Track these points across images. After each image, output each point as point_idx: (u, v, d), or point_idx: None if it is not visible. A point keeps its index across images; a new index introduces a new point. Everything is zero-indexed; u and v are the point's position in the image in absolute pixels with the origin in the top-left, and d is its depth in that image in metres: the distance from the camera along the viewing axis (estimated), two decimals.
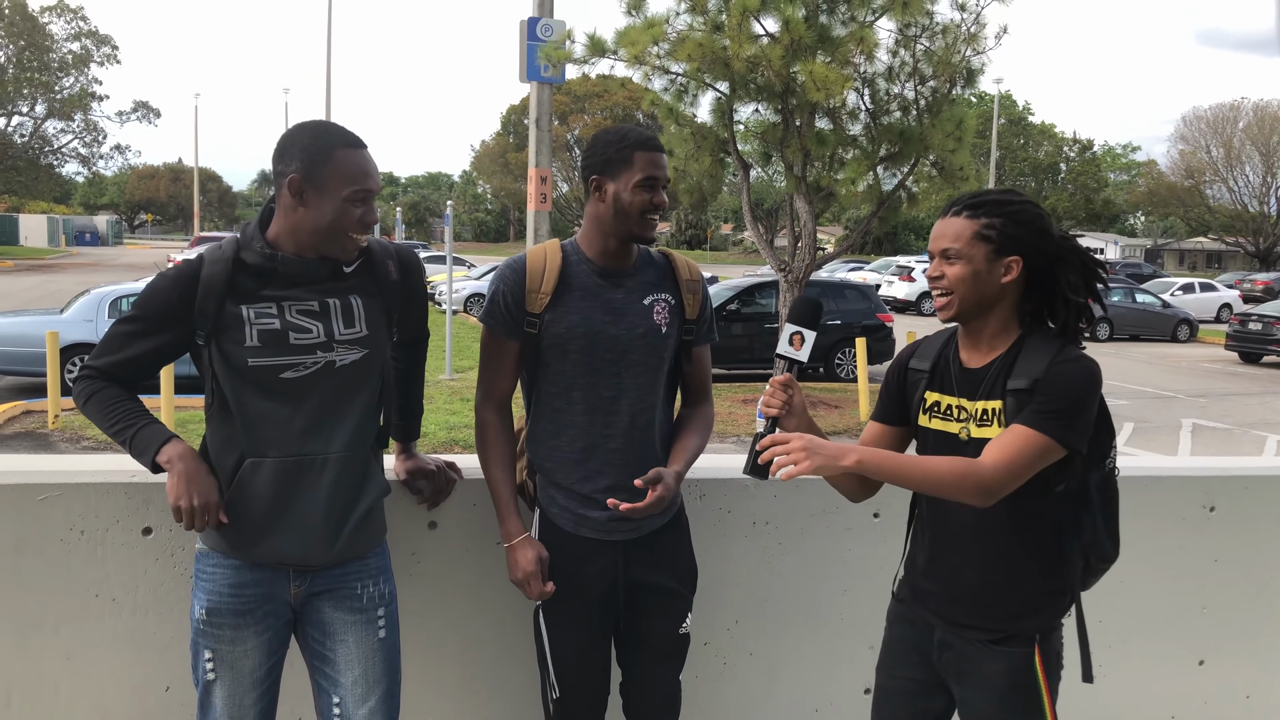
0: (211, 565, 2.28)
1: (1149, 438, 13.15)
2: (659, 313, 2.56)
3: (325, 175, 2.18)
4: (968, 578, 2.26)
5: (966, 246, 2.17)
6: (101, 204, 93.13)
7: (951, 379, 2.27)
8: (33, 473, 2.55)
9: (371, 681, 2.33)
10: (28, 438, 10.64)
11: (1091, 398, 2.11)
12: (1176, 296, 31.80)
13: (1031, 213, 2.19)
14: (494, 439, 2.56)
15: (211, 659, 2.27)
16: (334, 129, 2.24)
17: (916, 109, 13.49)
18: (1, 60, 42.87)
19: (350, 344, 2.26)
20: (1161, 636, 3.39)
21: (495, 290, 2.54)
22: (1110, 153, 74.51)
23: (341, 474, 2.26)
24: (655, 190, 2.48)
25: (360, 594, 2.34)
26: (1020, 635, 2.22)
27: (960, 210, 2.20)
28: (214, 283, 2.19)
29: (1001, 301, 2.20)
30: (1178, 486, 3.35)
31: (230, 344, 2.20)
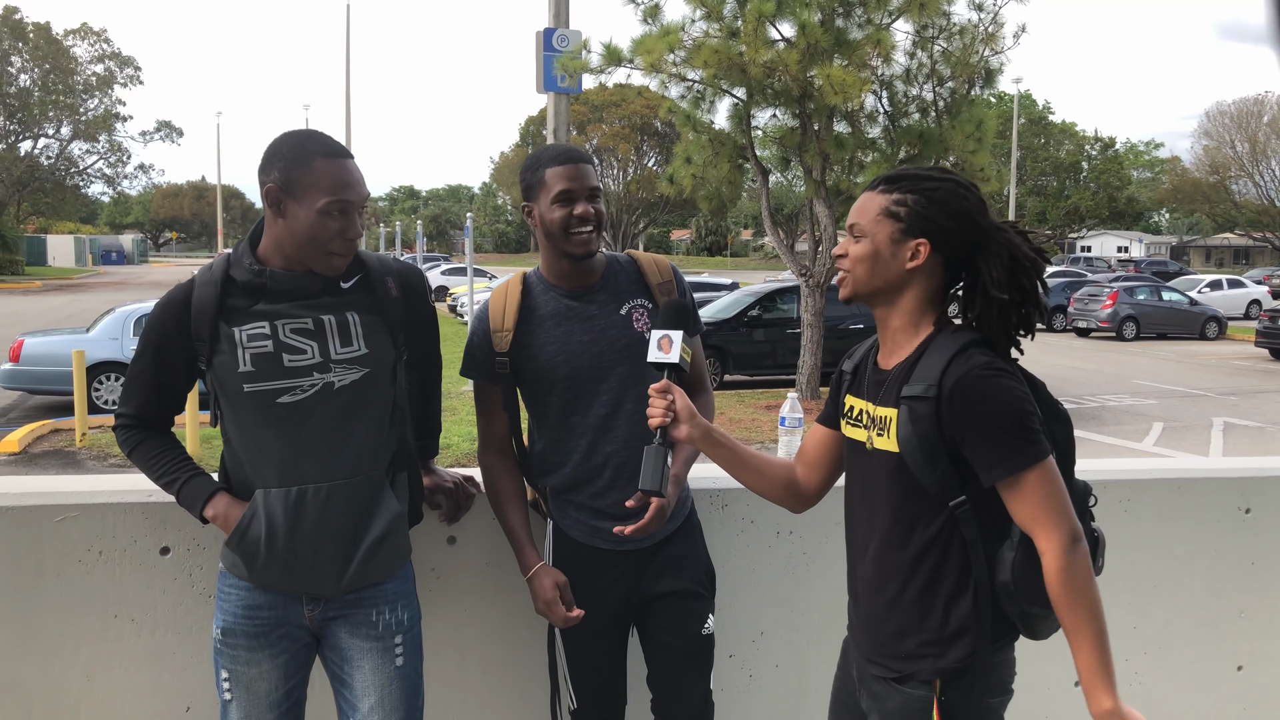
0: (228, 586, 2.25)
1: (1179, 437, 12.98)
2: (638, 320, 2.51)
3: (302, 185, 2.09)
4: (864, 605, 2.06)
5: (871, 223, 1.94)
6: (127, 223, 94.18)
7: (865, 381, 2.05)
8: (50, 494, 2.54)
9: (388, 709, 2.27)
10: (56, 456, 10.73)
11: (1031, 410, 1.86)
12: (1204, 294, 31.47)
13: (951, 192, 1.92)
14: (499, 481, 2.57)
15: (228, 679, 2.24)
16: (315, 137, 2.14)
17: (935, 110, 13.43)
18: (27, 84, 43.50)
19: (349, 363, 2.17)
20: (1198, 642, 3.31)
21: (470, 343, 2.55)
22: (1133, 150, 73.93)
23: (350, 502, 2.18)
24: (573, 202, 2.41)
25: (376, 621, 2.28)
26: (917, 676, 1.95)
27: (878, 183, 1.98)
28: (205, 305, 2.14)
29: (907, 290, 1.94)
30: (1211, 488, 3.28)
31: (225, 369, 2.14)
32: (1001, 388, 1.84)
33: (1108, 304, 26.15)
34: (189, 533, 2.56)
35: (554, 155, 2.46)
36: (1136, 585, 3.24)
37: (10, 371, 12.75)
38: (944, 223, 1.91)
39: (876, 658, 2.02)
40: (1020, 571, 1.88)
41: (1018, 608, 1.91)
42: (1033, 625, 1.96)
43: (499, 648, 2.81)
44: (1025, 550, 1.88)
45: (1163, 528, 3.24)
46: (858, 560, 2.08)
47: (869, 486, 2.02)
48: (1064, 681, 3.23)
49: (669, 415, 2.05)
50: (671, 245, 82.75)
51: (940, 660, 1.93)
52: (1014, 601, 1.90)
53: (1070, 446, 2.00)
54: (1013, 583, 1.88)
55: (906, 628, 1.97)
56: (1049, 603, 1.88)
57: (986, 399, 1.83)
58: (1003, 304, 1.91)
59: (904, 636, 1.97)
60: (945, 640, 1.93)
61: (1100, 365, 20.56)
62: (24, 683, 2.54)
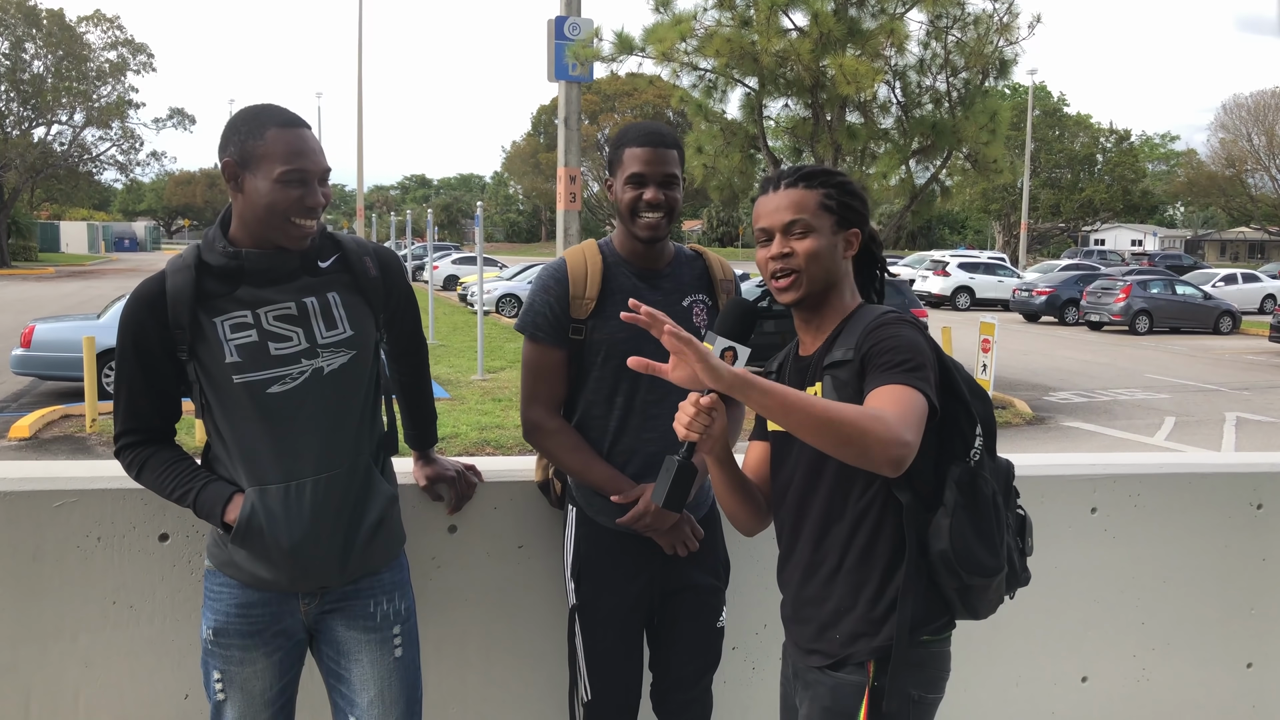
0: (219, 585, 2.19)
1: (1191, 432, 12.90)
2: (698, 315, 2.52)
3: (258, 156, 2.03)
4: (800, 591, 2.03)
5: (814, 218, 1.96)
6: (140, 210, 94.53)
7: (787, 375, 2.08)
8: (49, 479, 2.53)
9: (389, 702, 2.24)
10: (66, 442, 10.76)
11: (924, 355, 1.85)
12: (1218, 288, 31.27)
13: (855, 181, 2.08)
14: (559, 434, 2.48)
15: (220, 679, 2.19)
16: (269, 109, 2.08)
17: (949, 101, 13.35)
18: (40, 70, 43.55)
19: (336, 346, 2.13)
20: (1208, 638, 3.28)
21: (539, 300, 2.49)
22: (1148, 143, 73.44)
23: (346, 489, 2.15)
24: (644, 186, 2.41)
25: (374, 612, 2.24)
26: (851, 660, 1.93)
27: (794, 181, 1.99)
28: (181, 292, 2.07)
29: (842, 279, 2.02)
30: (1223, 483, 3.24)
31: (210, 361, 2.07)
32: (907, 331, 1.89)
33: (1121, 297, 26.00)
34: (188, 520, 2.55)
35: (635, 135, 2.46)
36: (1145, 581, 3.20)
37: (22, 357, 12.79)
38: (861, 209, 2.03)
39: (814, 645, 2.00)
40: (958, 537, 1.87)
41: (956, 579, 1.90)
42: (972, 599, 1.95)
43: (500, 637, 2.80)
44: (962, 516, 1.88)
45: (1173, 523, 3.20)
46: (789, 548, 2.07)
47: (798, 472, 2.01)
48: (1071, 678, 3.20)
49: (703, 435, 1.89)
50: (683, 236, 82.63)
51: (874, 639, 1.91)
52: (952, 572, 1.89)
53: (991, 421, 1.99)
54: (951, 549, 1.87)
55: (843, 605, 1.95)
56: (990, 571, 1.90)
57: (891, 335, 1.87)
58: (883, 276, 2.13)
59: (841, 615, 1.95)
60: (879, 618, 1.91)
61: (1113, 359, 20.45)
62: (22, 669, 2.53)
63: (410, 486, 2.64)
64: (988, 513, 1.91)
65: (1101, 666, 3.20)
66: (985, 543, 1.90)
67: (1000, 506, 1.95)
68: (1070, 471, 3.14)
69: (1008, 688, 3.14)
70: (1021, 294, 29.58)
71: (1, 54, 42.66)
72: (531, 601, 2.78)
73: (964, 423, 1.91)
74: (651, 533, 2.44)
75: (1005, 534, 1.97)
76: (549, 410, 2.50)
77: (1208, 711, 3.32)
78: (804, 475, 2.00)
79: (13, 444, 10.61)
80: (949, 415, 1.91)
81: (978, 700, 3.09)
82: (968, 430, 1.91)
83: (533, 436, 2.51)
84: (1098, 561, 3.15)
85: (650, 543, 2.48)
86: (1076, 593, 3.14)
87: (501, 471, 2.77)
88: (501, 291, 25.78)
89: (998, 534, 1.93)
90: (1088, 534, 3.13)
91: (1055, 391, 15.66)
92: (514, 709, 2.83)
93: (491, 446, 10.48)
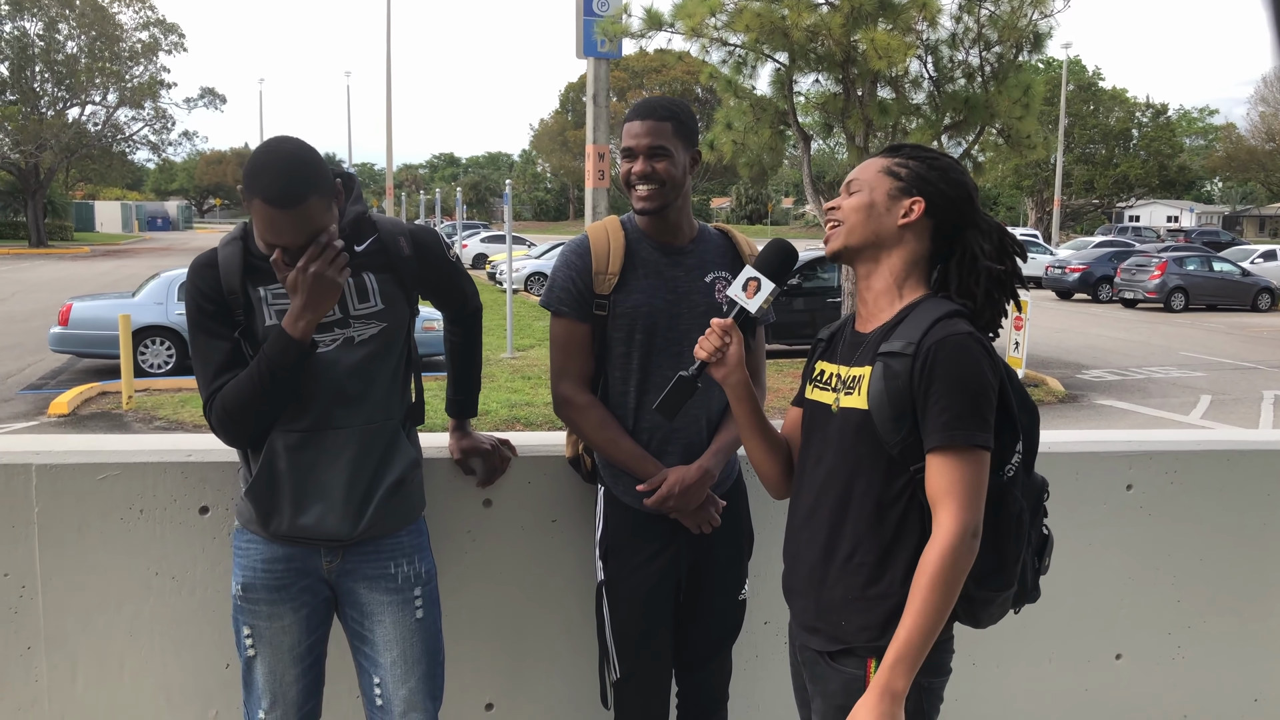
0: (245, 542, 2.28)
1: (1228, 410, 12.74)
2: (720, 291, 2.52)
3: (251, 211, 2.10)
4: (808, 570, 2.01)
5: (871, 178, 1.98)
6: (172, 190, 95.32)
7: (840, 346, 2.05)
8: (92, 452, 2.58)
9: (411, 662, 2.32)
10: (103, 418, 10.93)
11: (989, 388, 1.83)
12: (1256, 264, 30.73)
13: (952, 165, 1.99)
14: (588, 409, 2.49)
15: (250, 635, 2.27)
16: (262, 178, 2.04)
17: (982, 76, 13.18)
18: (74, 51, 43.90)
19: (367, 318, 2.25)
20: (1244, 616, 3.25)
21: (562, 275, 2.51)
22: (1186, 117, 72.19)
23: (366, 445, 2.23)
24: (633, 159, 2.45)
25: (395, 574, 2.31)
26: (855, 652, 1.93)
27: (881, 153, 2.03)
28: (231, 264, 2.21)
29: (895, 249, 1.95)
30: (1259, 461, 3.21)
31: (255, 326, 2.21)
32: (978, 360, 1.84)
33: (1156, 274, 25.64)
34: (228, 492, 2.59)
35: (632, 110, 2.50)
36: (1181, 558, 3.18)
37: (60, 335, 12.98)
38: (941, 187, 1.95)
39: (818, 624, 1.99)
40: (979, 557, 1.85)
41: (964, 588, 1.86)
42: (974, 609, 1.94)
43: (533, 611, 2.82)
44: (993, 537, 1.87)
45: (1210, 500, 3.18)
46: (801, 524, 2.04)
47: (828, 449, 1.98)
48: (1104, 655, 3.19)
49: (717, 356, 2.03)
50: (711, 213, 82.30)
51: (879, 637, 1.89)
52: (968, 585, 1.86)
53: (1035, 439, 1.98)
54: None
55: (850, 595, 1.93)
56: (998, 586, 1.90)
57: (961, 364, 1.82)
58: (993, 276, 1.95)
59: (847, 604, 1.94)
60: (888, 614, 1.88)
61: (1147, 337, 20.21)
62: (69, 638, 2.59)
63: (446, 460, 2.67)
64: (1008, 530, 1.90)
65: (1135, 644, 3.19)
66: (1000, 559, 1.90)
67: (1024, 524, 1.93)
68: (1106, 448, 3.12)
69: (1040, 663, 3.13)
70: (1054, 271, 29.26)
71: (35, 35, 43.05)
72: (565, 574, 2.80)
73: (1005, 437, 1.89)
74: (676, 514, 2.46)
75: (1024, 552, 1.95)
76: (578, 385, 2.51)
77: (1243, 690, 3.30)
78: (834, 456, 1.97)
79: (53, 420, 10.79)
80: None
81: (1010, 677, 3.09)
82: (1007, 445, 1.90)
83: (562, 411, 2.54)
84: (1132, 539, 3.13)
85: (675, 522, 2.50)
86: (1111, 570, 3.12)
87: (536, 446, 2.79)
88: (530, 270, 25.82)
89: (1014, 551, 1.91)
90: (1123, 511, 3.11)
91: (1088, 369, 15.50)
92: (546, 681, 2.86)
93: (522, 424, 10.53)
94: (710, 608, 2.59)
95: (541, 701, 2.87)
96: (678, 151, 2.46)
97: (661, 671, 2.57)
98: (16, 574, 2.54)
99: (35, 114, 42.29)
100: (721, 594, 2.59)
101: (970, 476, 1.80)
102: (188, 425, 10.47)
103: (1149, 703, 3.24)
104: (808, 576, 2.01)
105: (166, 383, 12.62)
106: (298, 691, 2.31)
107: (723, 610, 2.60)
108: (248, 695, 2.31)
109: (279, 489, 2.20)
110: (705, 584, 2.57)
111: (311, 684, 2.34)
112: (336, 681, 2.58)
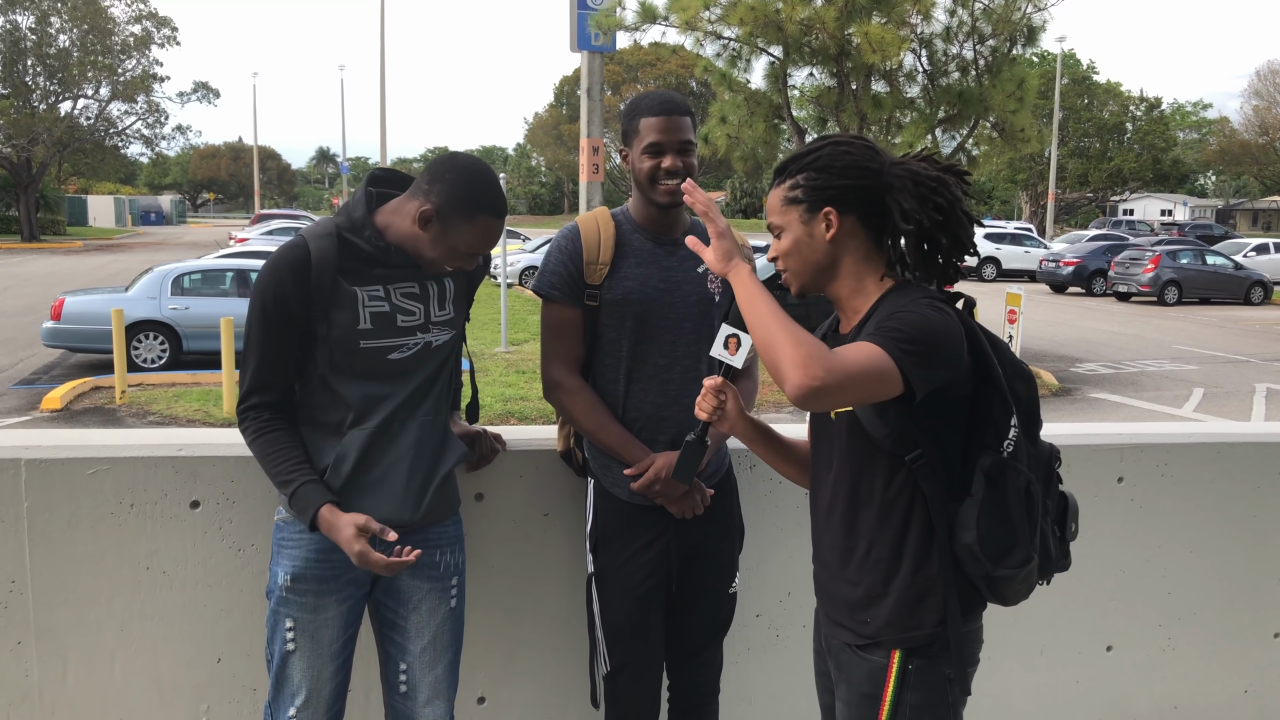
0: (296, 533, 2.27)
1: (1221, 403, 12.78)
2: (712, 282, 2.55)
3: (455, 226, 2.19)
4: (831, 570, 2.03)
5: (780, 216, 1.97)
6: (165, 184, 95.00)
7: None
8: (82, 446, 2.57)
9: (440, 649, 2.37)
10: (96, 413, 10.90)
11: (933, 341, 1.78)
12: (1250, 258, 30.79)
13: (832, 153, 1.92)
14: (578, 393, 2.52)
15: (293, 628, 2.26)
16: (489, 193, 2.21)
17: (975, 69, 13.19)
18: (66, 44, 43.70)
19: (443, 325, 2.34)
20: (1235, 608, 3.26)
21: (554, 260, 2.53)
22: (1180, 111, 72.21)
23: (425, 436, 2.31)
24: (662, 155, 2.46)
25: (439, 562, 2.37)
26: (882, 645, 1.93)
27: (773, 181, 2.01)
28: (325, 259, 2.20)
29: (840, 260, 1.95)
30: (1251, 453, 3.21)
31: (343, 324, 2.21)
32: (923, 315, 1.81)
33: (1149, 268, 25.69)
34: (219, 487, 2.58)
35: (650, 105, 2.49)
36: (1172, 550, 3.19)
37: (52, 329, 12.94)
38: (837, 183, 1.92)
39: (845, 621, 2.00)
40: (985, 530, 1.85)
41: (982, 568, 1.87)
42: (999, 589, 1.91)
43: (525, 604, 2.82)
44: (989, 508, 1.85)
45: (1201, 493, 3.18)
46: (823, 527, 2.06)
47: (834, 453, 2.01)
48: (1095, 647, 3.20)
49: (717, 415, 2.06)
50: None
51: (905, 630, 1.91)
52: (979, 562, 1.86)
53: (1034, 405, 1.97)
54: (977, 542, 1.85)
55: (874, 592, 1.94)
56: (1017, 563, 1.87)
57: (903, 313, 1.82)
58: (921, 231, 1.90)
59: (872, 601, 1.94)
60: (911, 605, 1.90)
61: (1140, 330, 20.26)
62: (60, 633, 2.58)
63: None
64: (1018, 504, 1.87)
65: (1126, 636, 3.20)
66: (1013, 534, 1.87)
67: (1035, 496, 1.91)
68: (1097, 441, 3.12)
69: (1031, 656, 3.14)
70: (1048, 265, 29.30)
71: (28, 28, 42.84)
72: (557, 568, 2.81)
73: (998, 411, 1.87)
74: (662, 500, 2.48)
75: (1039, 523, 1.92)
76: (568, 369, 2.53)
77: (1233, 682, 3.31)
78: (840, 459, 2.00)
79: (45, 415, 10.76)
80: (981, 402, 1.88)
81: (1001, 669, 3.10)
82: (1001, 419, 1.87)
83: (552, 394, 2.55)
84: (1124, 531, 3.14)
85: (665, 513, 2.51)
86: (1102, 562, 3.13)
87: (527, 440, 2.79)
88: (525, 264, 25.78)
89: (1028, 525, 1.89)
90: (1114, 504, 3.12)
91: (1082, 363, 15.53)
92: (539, 672, 2.86)
93: (515, 418, 10.53)
94: (702, 600, 2.59)
95: (533, 695, 2.87)
96: (695, 146, 2.51)
97: (653, 663, 2.57)
98: (6, 569, 2.54)
99: (27, 108, 42.10)
100: (713, 587, 2.60)
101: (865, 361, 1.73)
102: (181, 420, 10.45)
103: (1140, 694, 3.25)
104: (833, 578, 2.04)
105: (160, 377, 12.59)
106: (331, 690, 2.30)
107: (714, 603, 2.61)
108: (277, 693, 2.28)
109: (349, 480, 2.24)
110: (696, 577, 2.58)
111: (341, 684, 2.34)
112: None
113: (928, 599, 1.90)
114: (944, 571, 1.90)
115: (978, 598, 1.95)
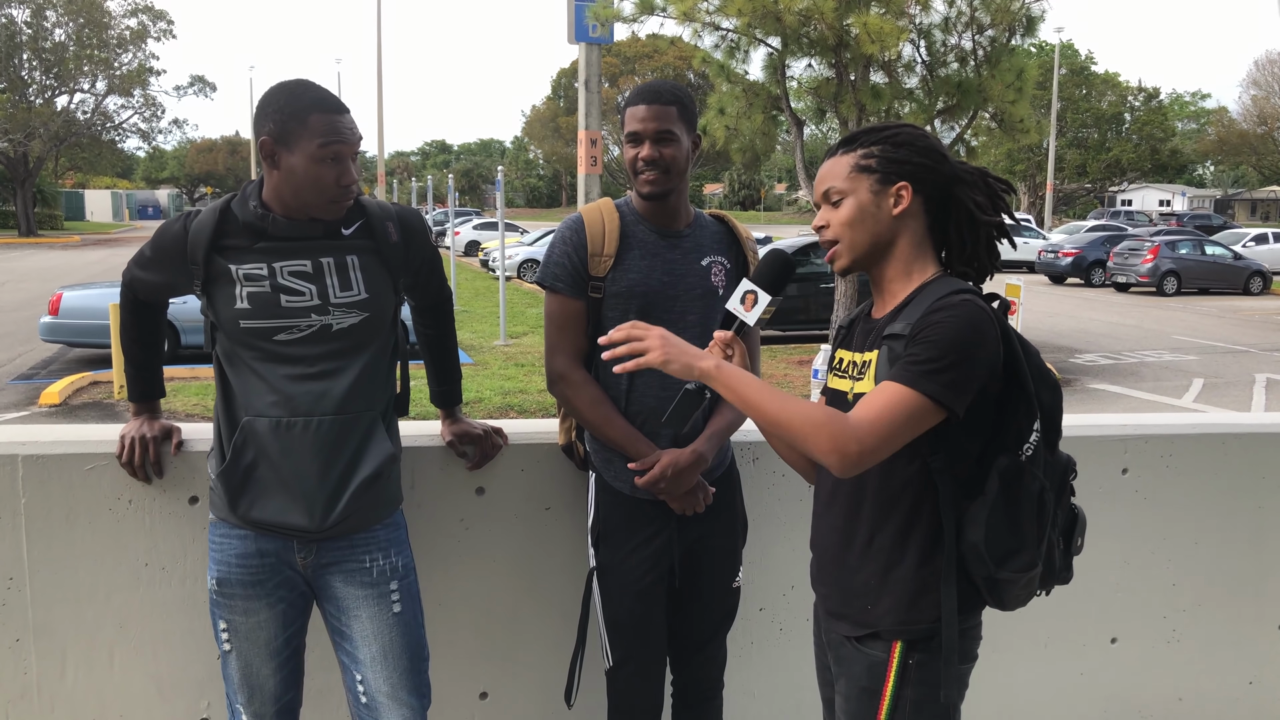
0: (220, 535, 2.25)
1: (1221, 394, 12.77)
2: (716, 275, 2.53)
3: (296, 136, 2.10)
4: (832, 556, 2.00)
5: (847, 183, 1.91)
6: (162, 178, 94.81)
7: (856, 333, 2.03)
8: (80, 442, 2.55)
9: (392, 657, 2.27)
10: (95, 408, 10.88)
11: (970, 349, 1.77)
12: (1249, 248, 30.80)
13: (913, 133, 1.93)
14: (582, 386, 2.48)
15: (226, 629, 2.25)
16: (309, 90, 2.13)
17: (974, 60, 13.15)
18: (62, 38, 43.57)
19: (348, 307, 2.19)
20: (1239, 599, 3.25)
21: (558, 251, 2.50)
22: (1178, 101, 72.14)
23: (340, 438, 2.17)
24: (639, 144, 2.44)
25: (370, 567, 2.26)
26: (882, 636, 1.91)
27: (836, 148, 1.96)
28: (200, 233, 2.19)
29: (899, 239, 1.92)
30: (1253, 444, 3.20)
31: (222, 302, 2.17)
32: (958, 321, 1.78)
33: (1148, 258, 25.66)
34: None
35: (634, 94, 2.47)
36: (1176, 542, 3.18)
37: (50, 324, 12.91)
38: (918, 160, 1.91)
39: (844, 611, 1.98)
40: (993, 530, 1.82)
41: (985, 569, 1.84)
42: (1000, 592, 1.90)
43: (527, 599, 2.81)
44: (1000, 509, 1.82)
45: (1205, 483, 3.17)
46: (823, 512, 2.04)
47: None
48: (1100, 639, 3.19)
49: None
50: (704, 199, 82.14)
51: (905, 623, 1.89)
52: (983, 563, 1.83)
53: (1057, 414, 1.94)
54: (984, 542, 1.82)
55: (872, 581, 1.92)
56: (1021, 568, 1.85)
57: (938, 323, 1.78)
58: (990, 228, 1.93)
59: (870, 590, 1.92)
60: (911, 598, 1.88)
61: (1140, 321, 20.24)
62: (59, 629, 2.56)
63: (439, 449, 2.65)
64: (1030, 509, 1.85)
65: (1131, 628, 3.19)
66: (1020, 539, 1.84)
67: (1047, 504, 1.88)
68: (1101, 432, 3.11)
69: (1035, 648, 3.13)
70: (1047, 255, 29.28)
71: (23, 22, 42.71)
72: (559, 562, 2.79)
73: (1022, 414, 1.85)
74: (666, 496, 2.45)
75: (1047, 532, 1.90)
76: (572, 361, 2.50)
77: (1238, 673, 3.30)
78: None
79: (44, 410, 10.75)
80: (1007, 404, 1.85)
81: (1005, 660, 3.09)
82: (1025, 423, 1.85)
83: (556, 387, 2.52)
84: (1128, 523, 3.12)
85: (667, 508, 2.49)
86: (1106, 554, 3.11)
87: (528, 434, 2.77)
88: (523, 257, 25.74)
89: (1036, 532, 1.86)
90: (1118, 495, 3.10)
91: (1081, 354, 15.52)
92: (541, 668, 2.85)
93: (515, 411, 10.52)
94: (705, 595, 2.58)
95: (536, 690, 2.85)
96: (682, 136, 2.45)
97: (656, 658, 2.55)
98: (3, 565, 2.52)
99: (23, 102, 41.97)
100: (716, 581, 2.58)
101: (897, 414, 1.74)
102: (179, 415, 10.43)
103: (1144, 686, 3.24)
104: (831, 564, 2.01)
105: None
106: (275, 684, 2.29)
107: (717, 598, 2.59)
108: (227, 686, 2.31)
109: (251, 473, 2.17)
110: (699, 571, 2.56)
111: (289, 676, 2.31)
112: (331, 671, 2.57)
113: (928, 593, 1.88)
114: (947, 568, 1.88)
115: (977, 597, 1.93)
